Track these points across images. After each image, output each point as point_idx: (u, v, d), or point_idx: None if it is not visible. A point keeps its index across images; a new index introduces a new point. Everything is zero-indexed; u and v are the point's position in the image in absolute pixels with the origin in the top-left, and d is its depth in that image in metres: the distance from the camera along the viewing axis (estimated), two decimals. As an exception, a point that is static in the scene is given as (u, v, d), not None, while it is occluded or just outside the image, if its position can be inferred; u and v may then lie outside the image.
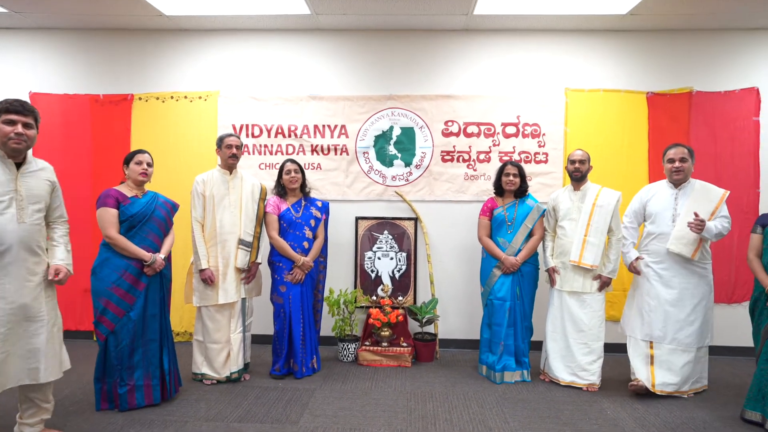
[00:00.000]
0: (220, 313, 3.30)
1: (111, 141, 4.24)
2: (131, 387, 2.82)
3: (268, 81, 4.25)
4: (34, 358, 2.27)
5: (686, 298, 3.12)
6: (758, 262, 2.89)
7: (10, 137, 2.19)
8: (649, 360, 3.17)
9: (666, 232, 3.15)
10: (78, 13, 3.93)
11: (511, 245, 3.44)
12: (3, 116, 2.20)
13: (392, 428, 2.70)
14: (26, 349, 2.26)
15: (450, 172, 4.20)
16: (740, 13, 3.80)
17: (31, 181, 2.31)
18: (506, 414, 2.90)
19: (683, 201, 3.13)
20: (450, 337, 4.19)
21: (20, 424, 2.41)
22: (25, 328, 2.26)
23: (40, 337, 2.29)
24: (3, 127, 2.20)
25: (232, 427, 2.67)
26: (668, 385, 3.13)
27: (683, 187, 3.18)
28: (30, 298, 2.27)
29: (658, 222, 3.18)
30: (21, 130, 2.21)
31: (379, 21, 4.03)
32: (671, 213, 3.15)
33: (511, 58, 4.20)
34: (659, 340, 3.14)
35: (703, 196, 3.11)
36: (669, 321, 3.12)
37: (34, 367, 2.27)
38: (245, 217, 3.38)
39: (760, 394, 2.80)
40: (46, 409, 2.45)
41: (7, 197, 2.20)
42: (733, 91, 4.11)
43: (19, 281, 2.23)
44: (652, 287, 3.19)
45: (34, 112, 2.30)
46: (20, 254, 2.23)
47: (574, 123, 4.16)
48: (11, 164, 2.25)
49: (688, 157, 3.14)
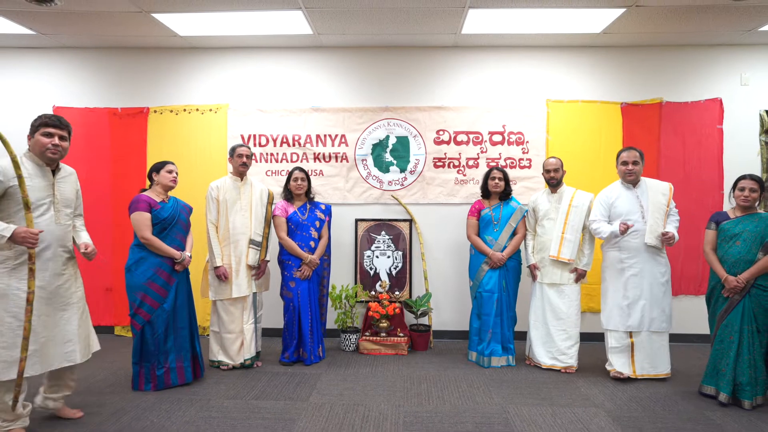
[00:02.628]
0: (234, 306, 3.65)
1: (128, 151, 4.59)
2: (167, 369, 3.20)
3: (274, 94, 4.61)
4: (69, 342, 2.58)
5: (657, 285, 3.45)
6: (713, 255, 3.25)
7: (47, 148, 2.49)
8: (630, 348, 3.48)
9: (638, 228, 3.45)
10: (99, 34, 4.29)
11: (497, 242, 3.81)
12: (41, 129, 2.50)
13: (391, 404, 3.06)
14: (62, 335, 2.56)
15: (442, 177, 4.58)
16: (704, 31, 4.19)
17: (64, 186, 2.62)
18: (492, 392, 3.27)
19: (645, 198, 3.48)
20: (443, 329, 4.56)
21: (44, 398, 2.70)
22: (60, 316, 2.57)
23: (73, 324, 2.61)
24: (41, 139, 2.49)
25: (251, 404, 3.03)
26: (648, 369, 3.45)
27: (639, 186, 3.52)
28: (63, 289, 2.59)
29: (628, 219, 3.46)
30: (57, 141, 2.52)
31: (375, 39, 4.41)
32: (640, 211, 3.47)
33: (497, 73, 4.58)
34: (639, 328, 3.45)
35: (657, 191, 3.48)
36: (645, 309, 3.44)
37: (70, 350, 2.58)
38: (255, 220, 3.73)
39: (714, 371, 3.18)
40: (70, 386, 2.75)
41: (47, 201, 2.52)
42: (699, 101, 4.50)
43: (56, 274, 2.55)
44: (628, 281, 3.47)
45: (68, 127, 2.60)
46: (57, 251, 2.56)
47: (555, 131, 4.54)
48: (48, 172, 2.55)
49: (639, 160, 3.48)
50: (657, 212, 3.44)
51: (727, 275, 3.12)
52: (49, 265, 2.52)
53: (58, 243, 2.56)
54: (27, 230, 2.34)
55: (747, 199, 3.12)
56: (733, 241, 3.14)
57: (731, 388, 3.05)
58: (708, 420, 2.87)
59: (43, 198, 2.50)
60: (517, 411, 2.97)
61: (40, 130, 2.50)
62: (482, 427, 2.75)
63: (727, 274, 3.12)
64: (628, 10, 3.75)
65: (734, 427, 2.77)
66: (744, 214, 3.17)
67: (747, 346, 3.05)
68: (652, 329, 3.45)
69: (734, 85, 4.47)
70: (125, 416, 2.84)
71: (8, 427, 2.48)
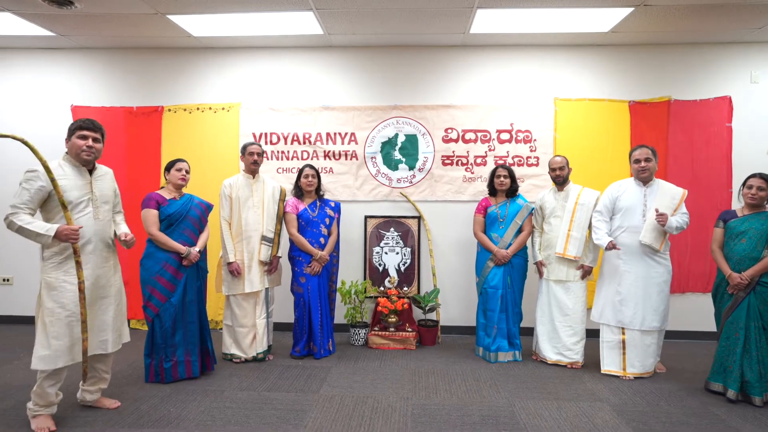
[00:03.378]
0: (247, 301, 3.75)
1: (143, 148, 4.71)
2: (174, 362, 3.28)
3: (285, 93, 4.70)
4: (104, 331, 2.72)
5: (653, 285, 3.47)
6: (720, 252, 3.29)
7: (82, 150, 2.64)
8: (621, 345, 3.53)
9: (636, 225, 3.48)
10: (116, 35, 4.40)
11: (503, 240, 3.86)
12: (77, 132, 2.65)
13: (399, 396, 3.14)
14: (98, 323, 2.70)
15: (450, 174, 4.63)
16: (712, 29, 4.20)
17: (101, 184, 2.76)
18: (499, 386, 3.33)
19: (651, 198, 3.49)
20: (450, 324, 4.63)
21: (82, 391, 2.86)
22: (98, 306, 2.71)
23: (109, 313, 2.75)
24: (77, 141, 2.64)
25: (263, 396, 3.12)
26: (638, 367, 3.48)
27: (650, 185, 3.53)
28: (104, 280, 2.73)
29: (628, 216, 3.51)
30: (91, 143, 2.66)
31: (385, 39, 4.47)
32: (642, 209, 3.49)
33: (505, 71, 4.62)
34: (630, 326, 3.49)
35: (667, 194, 3.49)
36: (638, 307, 3.47)
37: (104, 339, 2.72)
38: (267, 216, 3.82)
39: (721, 368, 3.21)
40: (105, 379, 2.90)
41: (86, 198, 2.66)
42: (708, 99, 4.51)
43: (98, 267, 2.69)
44: (622, 277, 3.52)
45: (101, 130, 2.75)
46: (98, 245, 2.69)
47: (563, 129, 4.57)
48: (85, 171, 2.70)
49: (651, 157, 3.49)
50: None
51: (731, 272, 3.15)
52: (91, 258, 2.66)
53: (99, 237, 2.70)
54: (68, 227, 2.49)
55: (755, 197, 3.15)
56: (739, 238, 3.17)
57: (739, 385, 3.08)
58: (713, 415, 2.91)
59: (82, 196, 2.64)
60: (523, 405, 3.03)
61: (76, 133, 2.65)
62: (488, 419, 2.82)
63: (732, 270, 3.15)
64: (636, 9, 3.77)
65: (739, 423, 2.81)
66: (752, 212, 3.19)
67: (754, 343, 3.08)
68: (643, 328, 3.46)
69: (744, 83, 4.48)
70: (143, 405, 2.94)
71: (38, 412, 2.61)
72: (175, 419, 2.77)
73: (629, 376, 3.48)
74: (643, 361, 3.50)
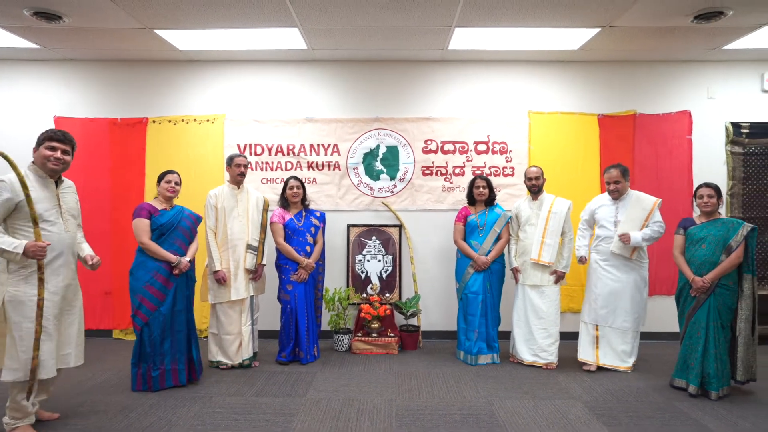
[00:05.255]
0: (232, 308, 3.82)
1: (128, 160, 4.74)
2: (162, 371, 3.33)
3: (269, 105, 4.81)
4: (68, 345, 2.72)
5: (625, 289, 3.74)
6: (682, 258, 3.52)
7: (49, 159, 2.63)
8: (595, 340, 3.82)
9: (609, 235, 3.80)
10: (101, 48, 4.45)
11: (482, 247, 4.04)
12: (46, 143, 2.64)
13: (383, 398, 3.26)
14: (63, 337, 2.70)
15: (429, 184, 4.81)
16: (672, 49, 4.49)
17: (67, 197, 2.77)
18: (478, 387, 3.49)
19: (622, 210, 3.79)
20: (431, 329, 4.77)
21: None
22: (65, 319, 2.71)
23: (74, 327, 2.76)
24: (45, 152, 2.63)
25: (251, 401, 3.20)
26: (611, 359, 3.79)
27: (623, 199, 3.83)
28: (71, 294, 2.75)
29: (604, 228, 3.84)
30: (60, 155, 2.66)
31: (367, 54, 4.64)
32: (613, 220, 3.81)
33: (482, 85, 4.83)
34: (603, 323, 3.79)
35: (637, 206, 3.76)
36: (610, 307, 3.77)
37: (67, 353, 2.71)
38: (252, 226, 3.91)
39: (685, 365, 3.44)
40: (49, 391, 2.83)
41: (54, 211, 2.66)
42: (670, 113, 4.80)
43: (66, 280, 2.70)
44: (599, 279, 3.83)
45: (72, 142, 2.74)
46: (67, 258, 2.71)
47: (537, 141, 4.80)
48: (51, 183, 2.69)
49: (621, 179, 3.78)
50: (628, 224, 3.72)
51: (695, 276, 3.38)
52: (62, 271, 2.67)
53: (69, 251, 2.72)
54: (36, 244, 2.48)
55: (707, 204, 3.41)
56: (699, 244, 3.41)
57: (699, 381, 3.31)
58: (676, 409, 3.12)
59: (50, 208, 2.64)
60: (501, 404, 3.19)
61: (45, 144, 2.64)
62: (469, 418, 2.96)
63: (694, 275, 3.38)
64: (603, 30, 4.03)
65: (699, 415, 3.02)
66: (708, 220, 3.44)
67: (713, 341, 3.31)
68: (614, 326, 3.77)
69: (702, 99, 4.78)
70: (132, 413, 2.99)
71: (16, 425, 2.62)
72: (166, 425, 2.84)
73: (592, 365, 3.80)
74: (617, 356, 3.78)
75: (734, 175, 4.76)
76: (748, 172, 4.77)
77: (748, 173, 4.76)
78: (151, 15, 3.71)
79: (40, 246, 2.48)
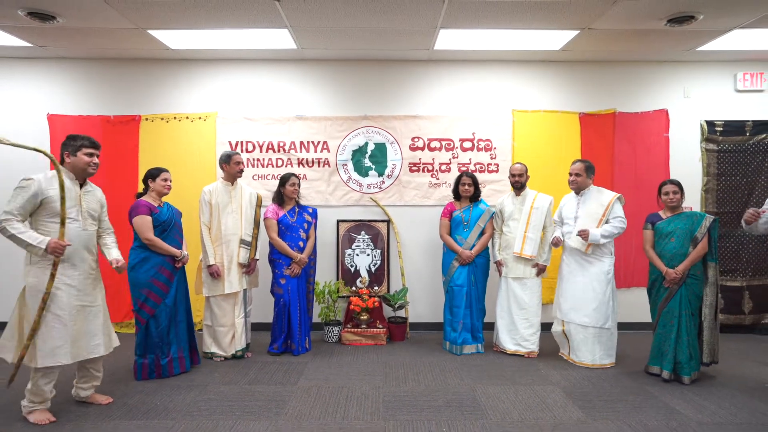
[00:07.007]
0: (226, 301, 3.95)
1: (121, 156, 4.83)
2: (170, 359, 3.51)
3: (260, 103, 4.92)
4: (95, 336, 2.90)
5: (586, 284, 3.82)
6: (653, 251, 3.69)
7: (90, 165, 2.88)
8: (564, 335, 3.97)
9: (570, 231, 3.93)
10: (94, 47, 4.52)
11: (467, 241, 4.20)
12: (84, 149, 2.86)
13: (372, 386, 3.42)
14: (89, 329, 2.88)
15: (416, 180, 4.95)
16: (649, 50, 4.66)
17: (89, 197, 2.96)
18: (462, 375, 3.65)
19: (582, 207, 3.92)
20: (418, 321, 4.93)
21: (76, 388, 3.05)
22: (88, 312, 2.88)
23: (99, 320, 2.93)
24: (84, 158, 2.86)
25: (245, 388, 3.35)
26: (584, 357, 3.83)
27: (584, 194, 3.95)
28: (91, 288, 2.91)
29: (568, 223, 3.97)
30: (97, 161, 2.91)
31: (355, 53, 4.76)
32: (574, 215, 3.95)
33: (467, 84, 4.98)
34: (567, 319, 3.90)
35: (596, 201, 3.89)
36: (572, 302, 3.87)
37: (96, 344, 2.91)
38: (245, 221, 4.04)
39: (659, 352, 3.62)
40: (98, 377, 3.08)
41: (75, 210, 2.84)
42: (648, 112, 4.98)
43: (84, 275, 2.87)
44: (563, 276, 3.98)
45: (100, 148, 3.01)
46: (84, 254, 2.88)
47: (520, 138, 4.96)
48: (77, 184, 2.90)
49: (582, 172, 3.89)
50: (586, 219, 3.84)
51: (667, 268, 3.56)
52: (80, 266, 2.85)
53: (85, 247, 2.90)
54: (58, 242, 2.68)
55: (672, 200, 3.61)
56: (668, 238, 3.59)
57: (672, 366, 3.50)
58: (648, 393, 3.31)
59: (71, 207, 2.82)
60: (483, 390, 3.36)
61: (83, 150, 2.86)
62: (453, 403, 3.13)
63: (667, 267, 3.57)
64: (582, 32, 4.18)
65: (668, 398, 3.22)
66: (673, 214, 3.64)
67: (685, 329, 3.50)
68: (577, 322, 3.84)
69: (678, 98, 4.97)
70: (131, 400, 3.12)
71: (33, 408, 2.79)
72: (163, 411, 2.97)
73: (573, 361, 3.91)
74: (589, 353, 3.83)
75: (709, 171, 4.96)
76: (722, 168, 4.97)
77: (722, 170, 4.97)
78: (144, 15, 3.80)
79: (61, 244, 2.68)
